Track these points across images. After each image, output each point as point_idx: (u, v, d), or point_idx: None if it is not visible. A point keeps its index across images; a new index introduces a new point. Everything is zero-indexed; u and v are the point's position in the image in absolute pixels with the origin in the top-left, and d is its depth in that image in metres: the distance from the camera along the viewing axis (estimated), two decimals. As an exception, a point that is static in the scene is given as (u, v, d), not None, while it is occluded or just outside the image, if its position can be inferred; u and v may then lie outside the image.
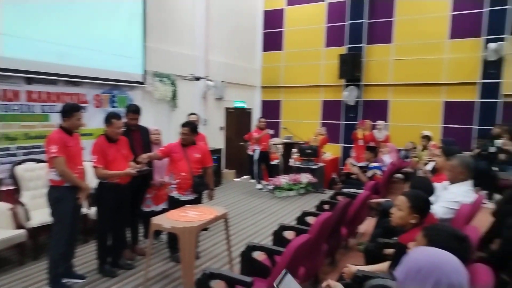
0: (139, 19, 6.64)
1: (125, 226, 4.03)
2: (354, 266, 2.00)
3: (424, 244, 1.66)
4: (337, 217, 3.62)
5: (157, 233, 4.51)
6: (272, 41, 10.82)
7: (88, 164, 3.82)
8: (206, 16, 8.43)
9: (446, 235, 1.68)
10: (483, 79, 8.18)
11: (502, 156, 6.18)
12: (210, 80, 8.52)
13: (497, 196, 5.67)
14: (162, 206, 4.57)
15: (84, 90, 5.85)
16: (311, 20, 10.24)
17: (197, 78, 8.17)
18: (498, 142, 6.31)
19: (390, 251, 2.71)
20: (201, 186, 4.13)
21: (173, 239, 4.06)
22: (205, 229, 4.81)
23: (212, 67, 8.69)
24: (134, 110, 4.24)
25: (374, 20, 9.40)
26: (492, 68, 8.02)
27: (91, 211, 4.55)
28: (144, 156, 4.01)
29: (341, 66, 9.26)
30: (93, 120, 5.79)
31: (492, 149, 6.30)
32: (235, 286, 2.55)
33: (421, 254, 1.32)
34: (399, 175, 7.96)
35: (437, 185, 3.55)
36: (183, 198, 4.07)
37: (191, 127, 4.14)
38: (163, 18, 7.36)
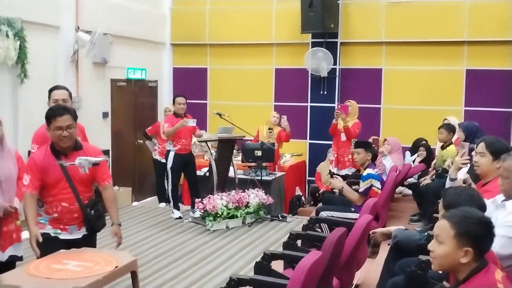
0: None
1: None
2: None
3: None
4: (327, 260, 3.54)
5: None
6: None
7: None
8: None
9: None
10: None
11: None
12: (86, 32, 8.21)
13: None
14: (9, 252, 4.23)
15: None
16: None
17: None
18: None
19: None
20: (98, 221, 4.03)
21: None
22: None
23: (88, 11, 8.46)
24: None
25: None
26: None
27: None
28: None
29: (305, 12, 9.35)
30: None
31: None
32: None
33: None
34: (402, 188, 8.17)
35: (485, 201, 3.60)
36: (65, 236, 3.89)
37: (73, 114, 3.87)
38: None
